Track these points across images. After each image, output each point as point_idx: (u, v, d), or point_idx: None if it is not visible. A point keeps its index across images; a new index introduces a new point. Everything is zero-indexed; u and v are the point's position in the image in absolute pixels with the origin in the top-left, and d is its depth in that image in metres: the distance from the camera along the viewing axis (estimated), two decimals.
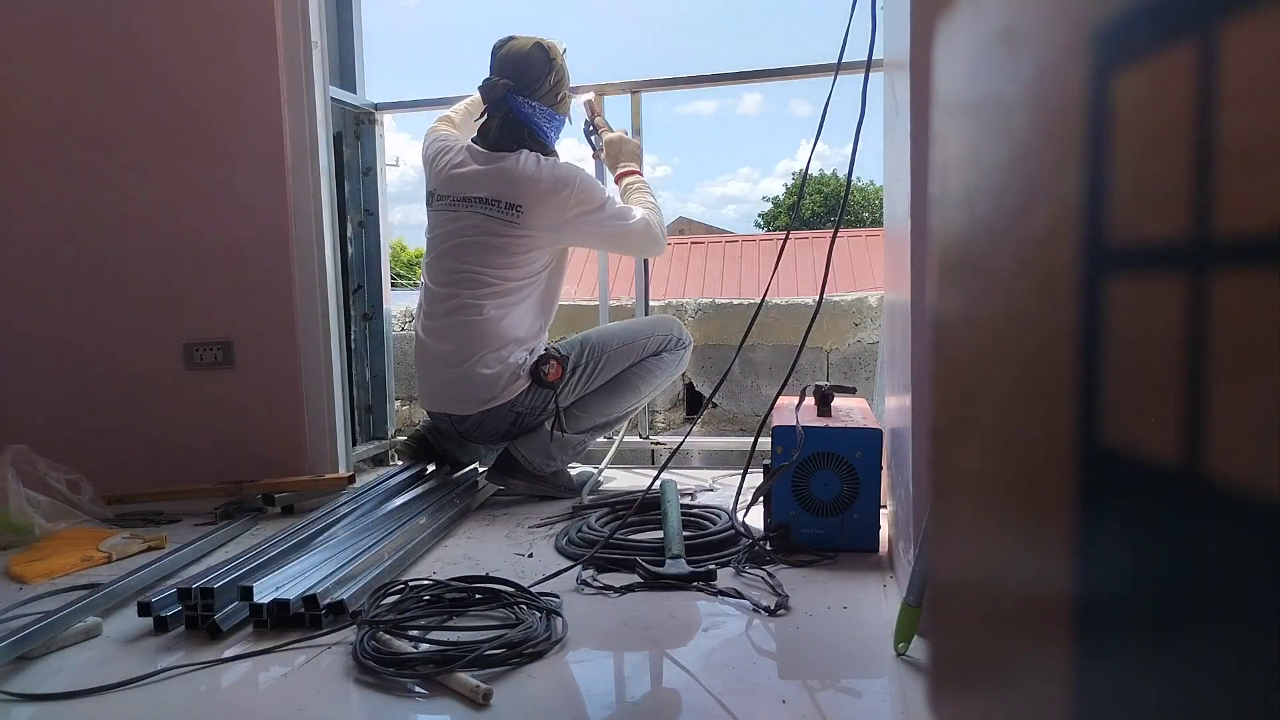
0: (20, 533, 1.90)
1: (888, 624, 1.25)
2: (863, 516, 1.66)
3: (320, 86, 2.31)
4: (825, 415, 1.77)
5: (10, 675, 1.25)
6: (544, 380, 2.08)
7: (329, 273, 2.34)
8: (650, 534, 1.76)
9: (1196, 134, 0.32)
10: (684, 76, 2.62)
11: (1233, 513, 0.30)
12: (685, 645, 1.30)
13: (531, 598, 1.41)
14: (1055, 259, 0.44)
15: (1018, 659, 0.52)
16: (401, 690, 1.17)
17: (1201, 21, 0.32)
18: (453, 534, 1.92)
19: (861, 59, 1.67)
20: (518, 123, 2.15)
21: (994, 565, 0.56)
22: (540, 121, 2.17)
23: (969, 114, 0.57)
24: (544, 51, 2.17)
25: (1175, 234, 0.34)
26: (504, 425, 2.15)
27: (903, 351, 1.40)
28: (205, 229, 2.36)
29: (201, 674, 1.26)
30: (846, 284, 4.77)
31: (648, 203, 2.26)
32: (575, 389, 2.16)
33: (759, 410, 2.42)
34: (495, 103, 2.16)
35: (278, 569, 1.55)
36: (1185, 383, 0.33)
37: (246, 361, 2.38)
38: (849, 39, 1.72)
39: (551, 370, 2.08)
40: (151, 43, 2.34)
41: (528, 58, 2.15)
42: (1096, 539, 0.41)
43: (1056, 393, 0.44)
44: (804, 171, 2.45)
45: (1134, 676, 0.37)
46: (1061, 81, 0.43)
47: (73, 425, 2.41)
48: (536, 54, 2.16)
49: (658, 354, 2.21)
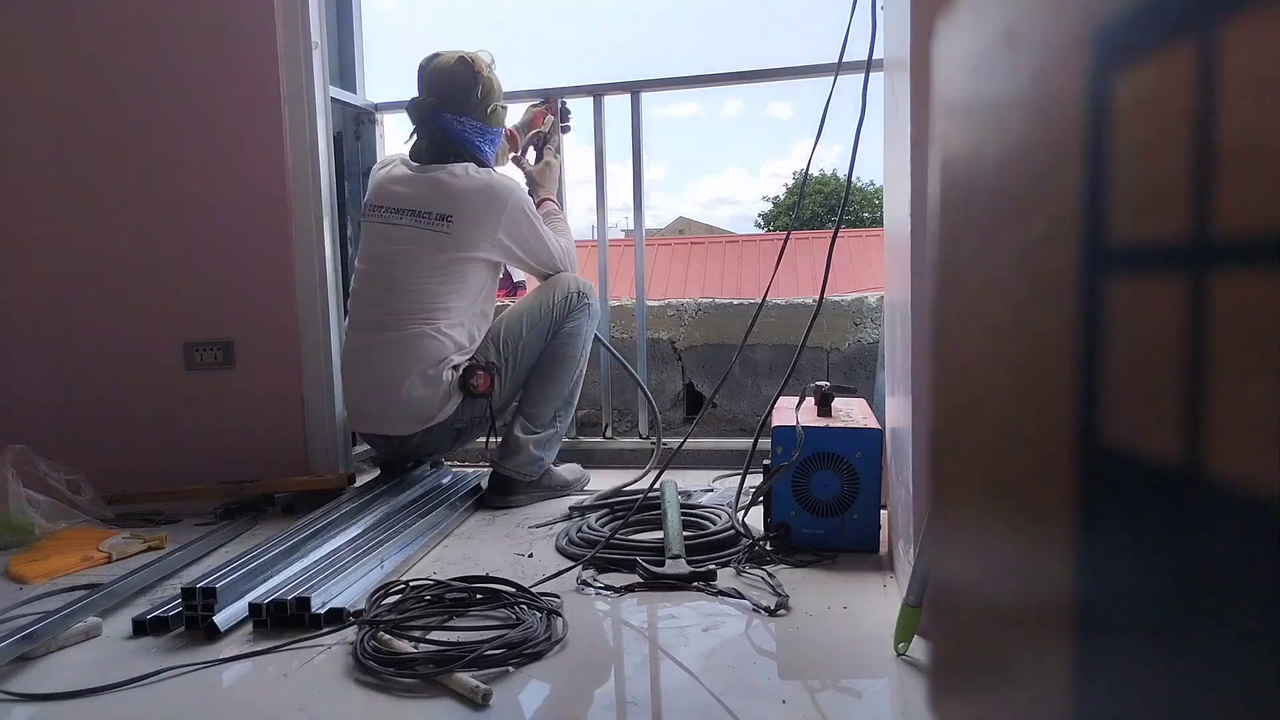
0: (20, 533, 1.90)
1: (888, 624, 1.25)
2: (863, 516, 1.66)
3: (320, 86, 2.31)
4: (825, 415, 1.77)
5: (10, 675, 1.25)
6: (474, 392, 2.05)
7: (329, 273, 2.34)
8: (650, 534, 1.76)
9: (1196, 134, 0.32)
10: (684, 76, 2.61)
11: (1233, 513, 0.30)
12: (685, 645, 1.30)
13: (532, 598, 1.41)
14: (1055, 259, 0.44)
15: (1018, 659, 0.52)
16: (401, 690, 1.17)
17: (1201, 21, 0.32)
18: (453, 534, 1.92)
19: (861, 59, 1.67)
20: (449, 140, 2.10)
21: (994, 565, 0.56)
22: (473, 138, 2.12)
23: (969, 114, 0.57)
24: (468, 65, 2.10)
25: (1175, 234, 0.34)
26: (447, 441, 2.14)
27: (903, 351, 1.40)
28: (205, 229, 2.36)
29: (202, 674, 1.25)
30: (846, 284, 4.78)
31: (566, 234, 2.26)
32: (507, 385, 2.14)
33: (759, 410, 2.42)
34: (423, 122, 2.13)
35: (277, 569, 1.55)
36: (1185, 383, 0.33)
37: (246, 361, 2.38)
38: (849, 39, 1.72)
39: (480, 381, 2.05)
40: (151, 43, 2.33)
41: (452, 74, 2.10)
42: (1096, 539, 0.41)
43: (1056, 393, 0.44)
44: (804, 172, 2.44)
45: (1134, 676, 0.37)
46: (1061, 82, 0.43)
47: (73, 425, 2.41)
48: (460, 69, 2.10)
49: (568, 317, 2.16)
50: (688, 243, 13.90)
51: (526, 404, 2.17)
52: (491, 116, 2.16)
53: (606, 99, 2.49)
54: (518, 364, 2.14)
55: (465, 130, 2.12)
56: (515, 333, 2.13)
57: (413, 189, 2.09)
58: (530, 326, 2.15)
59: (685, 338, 2.68)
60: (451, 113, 2.10)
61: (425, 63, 2.15)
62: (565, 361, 2.17)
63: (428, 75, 2.13)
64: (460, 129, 2.11)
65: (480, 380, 2.05)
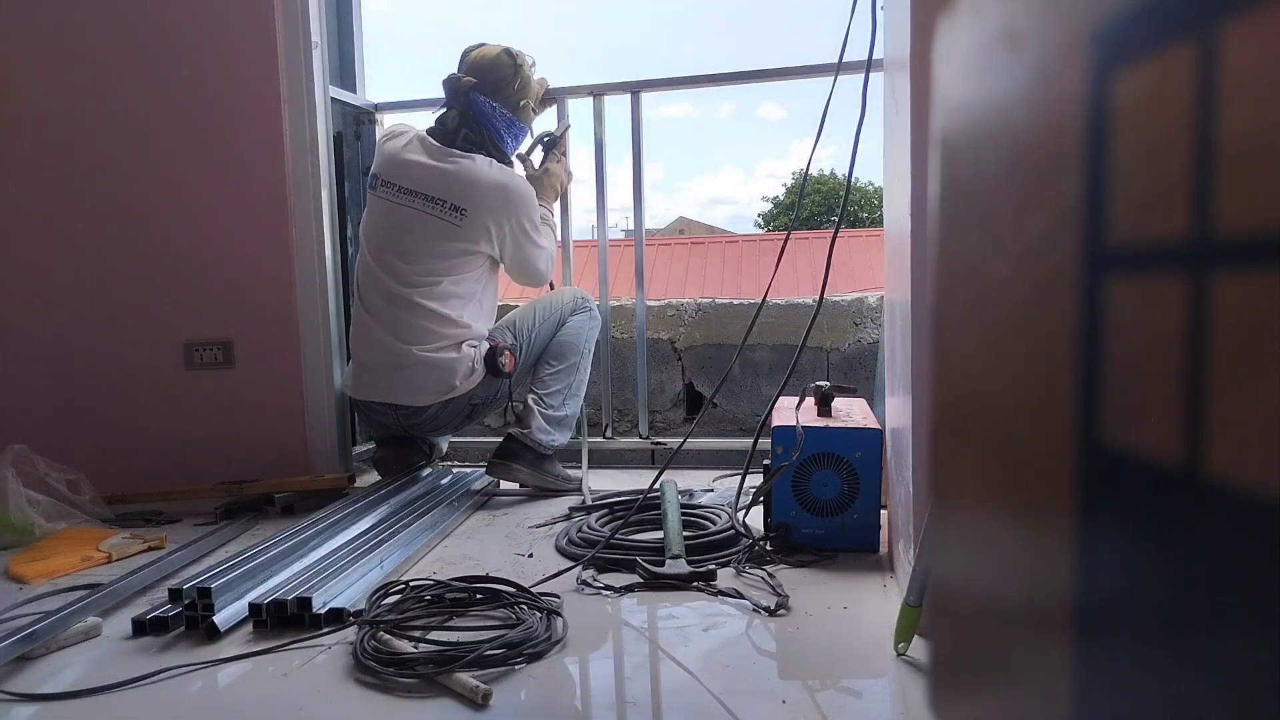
0: (20, 533, 1.90)
1: (888, 624, 1.25)
2: (863, 516, 1.66)
3: (320, 86, 2.31)
4: (825, 415, 1.77)
5: (10, 675, 1.25)
6: (501, 371, 2.13)
7: (329, 273, 2.34)
8: (650, 534, 1.76)
9: (1196, 134, 0.32)
10: (684, 76, 2.62)
11: (1232, 513, 0.30)
12: (685, 645, 1.30)
13: (532, 598, 1.41)
14: (1055, 259, 0.44)
15: (1018, 659, 0.52)
16: (401, 690, 1.17)
17: (1201, 21, 0.32)
18: (453, 534, 1.92)
19: (861, 59, 1.67)
20: (476, 120, 2.18)
21: (994, 565, 0.56)
22: (499, 124, 2.19)
23: (969, 114, 0.57)
24: (511, 58, 2.21)
25: (1175, 234, 0.34)
26: (460, 417, 2.20)
27: (903, 351, 1.40)
28: (205, 229, 2.36)
29: (202, 674, 1.25)
30: (846, 284, 4.77)
31: (551, 242, 2.33)
32: (520, 370, 2.23)
33: (759, 410, 2.42)
34: (456, 96, 2.19)
35: (277, 569, 1.55)
36: (1185, 383, 0.33)
37: (246, 361, 2.38)
38: (849, 39, 1.72)
39: (507, 361, 2.14)
40: (151, 43, 2.33)
41: (495, 61, 2.20)
42: (1096, 538, 0.41)
43: (1056, 392, 0.44)
44: (804, 172, 2.44)
45: (1134, 676, 0.37)
46: (1061, 82, 0.43)
47: (73, 425, 2.41)
48: (504, 58, 2.21)
49: (574, 315, 2.30)
50: (688, 243, 13.89)
51: (538, 384, 2.26)
52: (522, 110, 2.25)
53: (606, 99, 2.49)
54: (530, 350, 2.25)
55: (494, 116, 2.19)
56: (528, 323, 2.26)
57: (429, 173, 2.13)
58: (542, 320, 2.27)
59: (685, 338, 2.68)
60: (487, 95, 2.18)
61: (470, 49, 2.25)
62: (570, 350, 2.28)
63: (470, 57, 2.23)
64: (490, 113, 2.18)
65: (508, 360, 2.14)
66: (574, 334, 2.28)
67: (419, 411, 2.13)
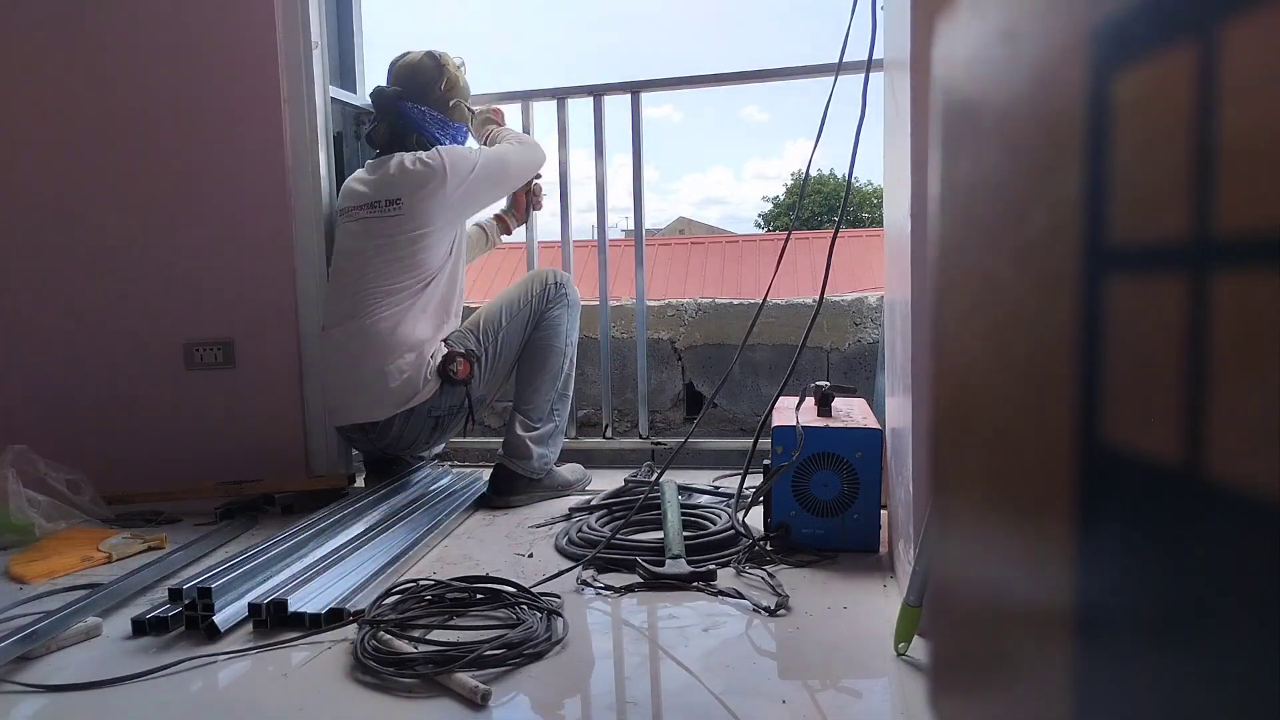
0: (20, 533, 1.90)
1: (888, 624, 1.25)
2: (863, 516, 1.66)
3: (320, 86, 2.31)
4: (825, 415, 1.77)
5: (11, 675, 1.25)
6: (454, 379, 2.05)
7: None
8: (650, 534, 1.76)
9: (1196, 134, 0.32)
10: (684, 76, 2.61)
11: (1233, 513, 0.30)
12: (685, 645, 1.30)
13: (532, 598, 1.41)
14: (1055, 259, 0.44)
15: (1018, 659, 0.52)
16: (401, 690, 1.17)
17: (1201, 21, 0.32)
18: (453, 534, 1.92)
19: (861, 59, 1.67)
20: (405, 127, 2.18)
21: (994, 565, 0.56)
22: (431, 128, 2.19)
23: (969, 114, 0.57)
24: (434, 59, 2.23)
25: (1175, 234, 0.34)
26: (425, 431, 2.11)
27: (903, 351, 1.40)
28: (205, 229, 2.36)
29: (202, 672, 1.26)
30: (846, 284, 4.77)
31: (511, 135, 2.33)
32: (486, 376, 2.14)
33: (759, 410, 2.41)
34: (384, 108, 2.20)
35: (277, 569, 1.55)
36: (1185, 383, 0.33)
37: (246, 361, 2.38)
38: (849, 39, 1.72)
39: (460, 368, 2.06)
40: (152, 43, 2.33)
41: (417, 65, 2.22)
42: (1096, 539, 0.41)
43: (1056, 393, 0.44)
44: (805, 172, 2.44)
45: (1134, 676, 0.37)
46: (1061, 81, 0.43)
47: (73, 425, 2.41)
48: (426, 61, 2.22)
49: (548, 310, 2.19)
50: (688, 243, 13.89)
51: (520, 400, 2.19)
52: (453, 110, 2.25)
53: (607, 99, 2.49)
54: (499, 354, 2.15)
55: (424, 119, 2.19)
56: (495, 323, 2.16)
57: (367, 185, 2.15)
58: (510, 317, 2.17)
59: (685, 338, 2.68)
60: (412, 101, 2.19)
61: (395, 59, 2.26)
62: (550, 353, 2.19)
63: (395, 67, 2.25)
64: (419, 117, 2.19)
65: (460, 366, 2.06)
66: (551, 332, 2.18)
67: (384, 428, 2.07)
